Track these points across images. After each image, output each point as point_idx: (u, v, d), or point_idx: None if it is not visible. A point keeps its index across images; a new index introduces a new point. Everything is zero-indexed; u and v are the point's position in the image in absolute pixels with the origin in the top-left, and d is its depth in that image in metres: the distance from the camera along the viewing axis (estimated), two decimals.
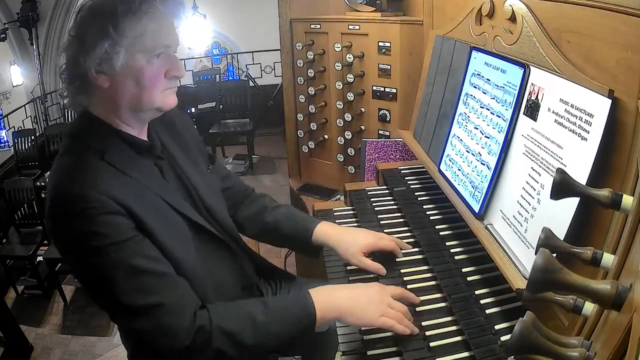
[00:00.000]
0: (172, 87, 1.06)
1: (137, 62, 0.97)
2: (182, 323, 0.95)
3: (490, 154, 1.21)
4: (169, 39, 1.02)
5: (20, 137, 5.47)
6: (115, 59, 0.95)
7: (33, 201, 4.17)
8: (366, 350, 1.11)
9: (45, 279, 3.96)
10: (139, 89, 1.00)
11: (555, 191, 0.66)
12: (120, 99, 1.01)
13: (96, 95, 1.01)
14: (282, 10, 2.50)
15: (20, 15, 6.24)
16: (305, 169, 2.76)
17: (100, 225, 0.92)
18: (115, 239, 0.92)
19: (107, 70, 0.96)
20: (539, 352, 0.56)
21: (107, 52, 0.94)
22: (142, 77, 0.98)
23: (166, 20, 1.01)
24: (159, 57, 1.00)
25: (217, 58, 8.60)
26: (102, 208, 0.92)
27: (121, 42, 0.94)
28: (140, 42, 0.96)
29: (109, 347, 3.27)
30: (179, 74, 1.05)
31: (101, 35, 0.94)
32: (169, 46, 1.02)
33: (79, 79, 0.98)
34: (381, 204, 1.68)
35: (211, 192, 1.24)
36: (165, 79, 1.03)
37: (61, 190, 0.95)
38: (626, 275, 0.59)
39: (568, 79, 0.95)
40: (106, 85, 0.99)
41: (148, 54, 0.98)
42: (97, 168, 0.97)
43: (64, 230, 0.95)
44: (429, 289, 1.24)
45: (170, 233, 1.02)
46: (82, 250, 0.94)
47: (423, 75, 1.81)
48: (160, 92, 1.02)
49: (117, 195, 0.94)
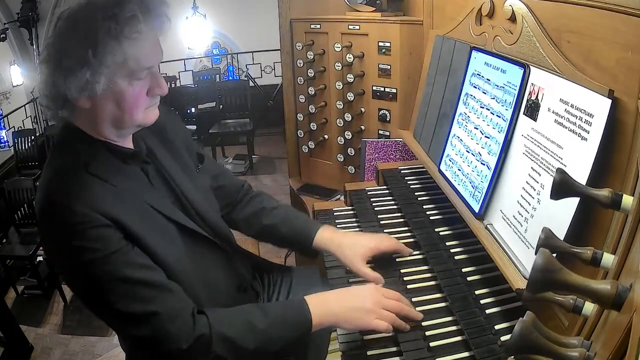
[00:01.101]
0: (154, 104, 1.04)
1: (118, 87, 0.94)
2: (180, 328, 0.96)
3: (490, 154, 1.21)
4: (153, 60, 0.98)
5: (20, 137, 5.48)
6: (97, 86, 0.91)
7: (33, 201, 4.17)
8: (366, 350, 1.11)
9: (45, 279, 3.96)
10: (120, 111, 0.97)
11: (555, 191, 0.66)
12: (101, 119, 0.99)
13: (77, 112, 0.99)
14: (282, 10, 2.50)
15: (20, 15, 6.24)
16: (305, 169, 2.76)
17: (89, 239, 0.91)
18: (105, 252, 0.92)
19: (88, 94, 0.93)
20: (539, 352, 0.56)
21: (87, 81, 0.90)
22: (123, 100, 0.96)
23: (150, 40, 0.96)
24: (142, 79, 0.98)
25: (217, 58, 8.60)
26: (90, 222, 0.91)
27: (101, 70, 0.91)
28: (122, 68, 0.93)
29: (109, 347, 3.27)
30: (162, 92, 1.02)
31: (80, 62, 0.89)
32: (152, 66, 0.99)
33: (59, 97, 0.95)
34: (381, 204, 1.68)
35: (200, 193, 1.22)
36: (148, 97, 1.00)
37: (48, 205, 0.95)
38: (626, 275, 0.59)
39: (568, 79, 0.95)
40: (87, 106, 0.96)
41: (130, 78, 0.95)
42: (83, 181, 0.96)
43: (53, 243, 0.96)
44: (429, 289, 1.24)
45: (160, 239, 1.02)
46: (73, 263, 0.94)
47: (423, 75, 1.81)
48: (142, 111, 1.00)
49: (103, 208, 0.93)
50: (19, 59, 6.76)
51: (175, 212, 1.09)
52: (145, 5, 0.94)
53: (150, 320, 0.95)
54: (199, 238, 1.13)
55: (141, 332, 0.96)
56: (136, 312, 0.94)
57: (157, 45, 1.00)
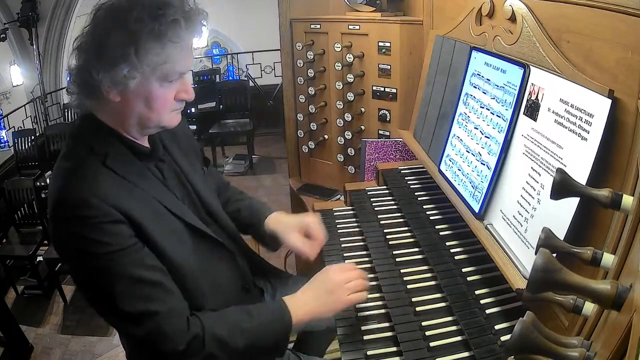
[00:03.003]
0: (180, 108, 1.07)
1: (150, 86, 0.97)
2: (177, 329, 0.98)
3: (490, 154, 1.21)
4: (187, 65, 1.01)
5: (20, 137, 5.47)
6: (131, 82, 0.94)
7: (33, 201, 4.17)
8: (366, 350, 1.11)
9: (45, 279, 3.96)
10: (148, 110, 1.00)
11: (555, 191, 0.66)
12: (128, 115, 1.01)
13: (104, 104, 1.01)
14: (282, 10, 2.50)
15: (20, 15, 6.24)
16: (305, 169, 2.76)
17: (101, 233, 0.93)
18: (115, 247, 0.94)
19: (120, 88, 0.95)
20: (539, 352, 0.56)
21: (124, 76, 0.93)
22: (153, 100, 0.99)
23: (187, 47, 0.99)
24: (172, 82, 1.00)
25: (217, 58, 8.59)
26: (104, 217, 0.93)
27: (140, 69, 0.93)
28: (158, 70, 0.96)
29: (109, 347, 3.27)
30: (189, 97, 1.05)
31: (122, 58, 0.92)
32: (184, 72, 1.02)
33: (90, 86, 0.97)
34: (381, 204, 1.68)
35: (210, 192, 1.25)
36: (175, 101, 1.03)
37: (64, 196, 0.96)
38: (626, 275, 0.59)
39: (568, 79, 0.95)
40: (116, 100, 0.98)
41: (163, 80, 0.98)
42: (99, 174, 0.98)
43: (65, 234, 0.96)
44: (429, 289, 1.24)
45: (170, 238, 1.04)
46: (82, 255, 0.95)
47: (423, 75, 1.81)
48: (168, 114, 1.03)
49: (118, 203, 0.95)
50: (19, 59, 6.75)
51: (187, 213, 1.11)
52: (187, 12, 0.97)
53: (148, 320, 0.96)
54: (207, 239, 1.15)
55: (139, 331, 0.97)
56: (135, 311, 0.95)
57: (191, 52, 1.02)
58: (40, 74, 6.48)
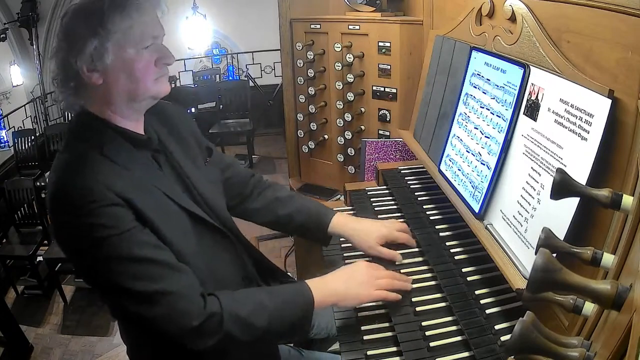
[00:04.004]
0: (164, 74, 1.08)
1: (127, 55, 0.99)
2: (190, 306, 0.98)
3: (490, 154, 1.21)
4: (156, 29, 1.04)
5: (20, 137, 5.48)
6: (106, 55, 0.97)
7: (33, 201, 4.17)
8: (366, 350, 1.11)
9: (45, 279, 3.96)
10: (131, 81, 1.02)
11: (555, 191, 0.66)
12: (114, 93, 1.03)
13: (91, 93, 1.03)
14: (282, 10, 2.50)
15: (20, 15, 6.24)
16: (305, 169, 2.76)
17: (102, 217, 0.93)
18: (117, 230, 0.94)
19: (99, 67, 0.98)
20: (539, 352, 0.56)
21: (96, 48, 0.96)
22: (133, 69, 1.01)
23: (151, 12, 1.03)
24: (148, 49, 1.02)
25: (217, 58, 8.59)
26: (103, 200, 0.94)
27: (109, 37, 0.97)
28: (128, 35, 0.99)
29: (109, 347, 3.27)
30: (169, 61, 1.07)
31: (89, 34, 0.96)
32: (157, 37, 1.05)
33: (72, 80, 1.01)
34: (381, 204, 1.68)
35: (209, 184, 1.25)
36: (156, 68, 1.05)
37: (62, 184, 0.97)
38: (626, 275, 0.59)
39: (568, 79, 0.95)
40: (99, 82, 1.00)
41: (137, 46, 1.00)
42: (97, 162, 0.99)
43: (66, 224, 0.97)
44: (429, 289, 1.24)
45: (170, 224, 1.04)
46: (85, 243, 0.95)
47: (423, 75, 1.81)
48: (152, 81, 1.05)
49: (117, 188, 0.96)
50: (19, 59, 6.76)
51: (186, 200, 1.11)
52: None
53: (159, 299, 0.96)
54: (208, 226, 1.15)
55: (151, 312, 0.97)
56: (147, 291, 0.96)
57: (157, 18, 1.06)
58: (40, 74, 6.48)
